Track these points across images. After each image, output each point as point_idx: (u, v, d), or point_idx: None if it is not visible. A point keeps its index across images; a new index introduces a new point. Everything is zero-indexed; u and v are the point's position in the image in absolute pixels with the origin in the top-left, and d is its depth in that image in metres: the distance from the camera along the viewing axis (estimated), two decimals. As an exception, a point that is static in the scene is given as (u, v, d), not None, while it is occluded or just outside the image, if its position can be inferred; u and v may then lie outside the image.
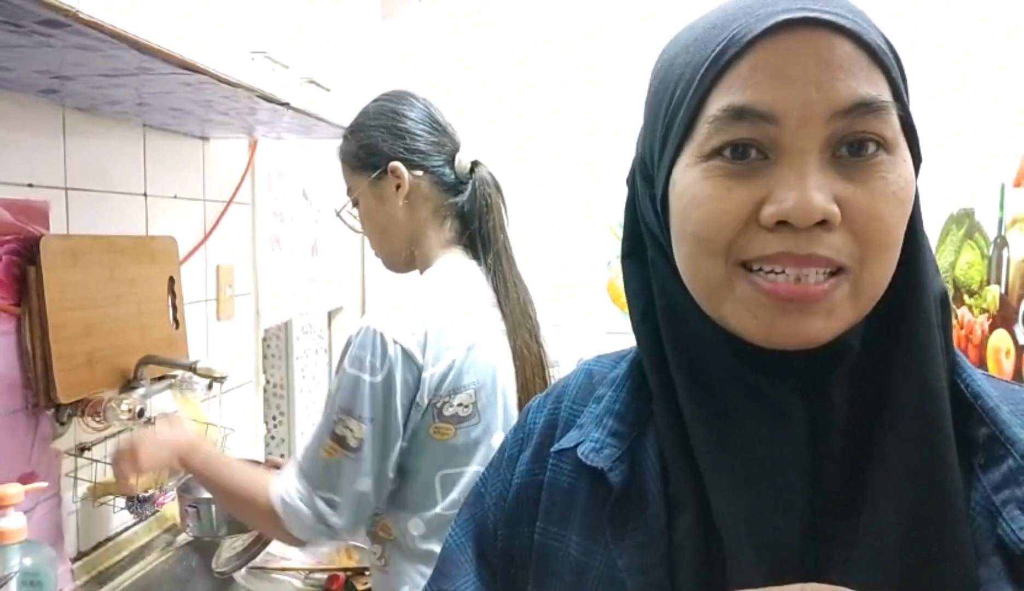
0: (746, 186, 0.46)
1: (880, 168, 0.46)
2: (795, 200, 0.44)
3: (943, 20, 1.99)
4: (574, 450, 0.58)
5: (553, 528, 0.58)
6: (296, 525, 1.10)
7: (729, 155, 0.47)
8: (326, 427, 1.11)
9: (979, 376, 0.52)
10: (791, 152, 0.46)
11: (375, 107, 1.27)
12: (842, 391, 0.49)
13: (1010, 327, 1.79)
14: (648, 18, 2.53)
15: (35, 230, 1.21)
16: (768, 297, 0.46)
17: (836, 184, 0.45)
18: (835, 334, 0.47)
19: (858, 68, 0.45)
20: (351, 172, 1.28)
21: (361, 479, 1.10)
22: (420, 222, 1.25)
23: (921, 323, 0.49)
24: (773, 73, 0.45)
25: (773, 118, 0.45)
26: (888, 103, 0.46)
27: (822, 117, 0.45)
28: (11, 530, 0.98)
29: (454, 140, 1.29)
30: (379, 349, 1.09)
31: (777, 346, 0.47)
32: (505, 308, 1.24)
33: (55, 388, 1.20)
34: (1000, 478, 0.48)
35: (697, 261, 0.49)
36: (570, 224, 2.89)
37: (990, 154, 1.85)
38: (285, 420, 2.40)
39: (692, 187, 0.49)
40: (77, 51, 0.90)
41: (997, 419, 0.49)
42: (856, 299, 0.47)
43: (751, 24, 0.46)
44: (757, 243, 0.46)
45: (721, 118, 0.47)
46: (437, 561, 0.66)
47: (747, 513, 0.49)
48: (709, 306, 0.50)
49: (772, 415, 0.49)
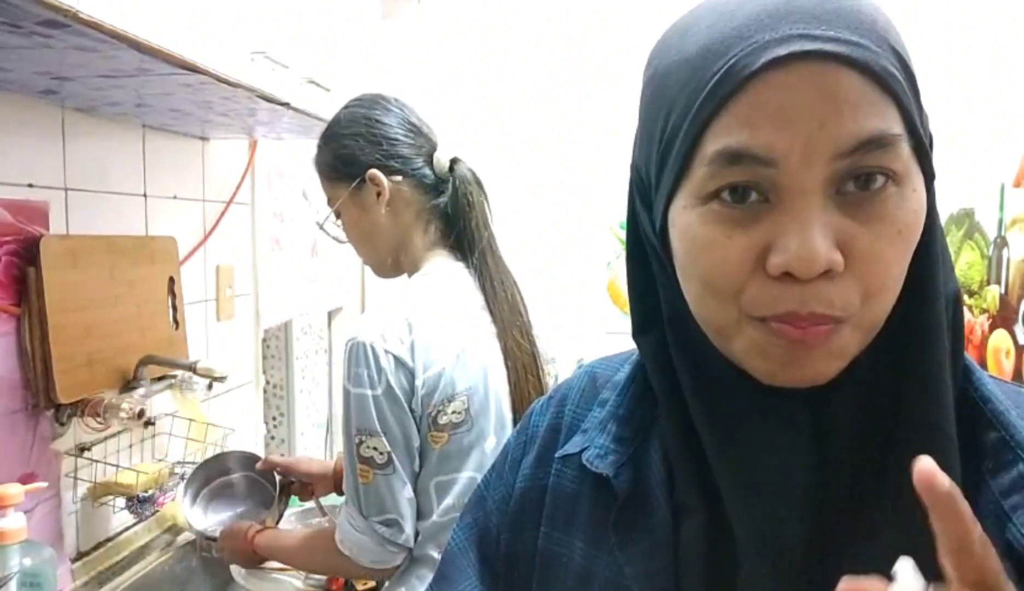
0: (747, 233, 0.45)
1: (887, 205, 0.44)
2: (797, 250, 0.42)
3: (943, 20, 1.99)
4: (578, 455, 0.57)
5: (557, 533, 0.58)
6: (365, 555, 1.13)
7: (728, 198, 0.45)
8: (351, 453, 1.12)
9: (988, 379, 0.51)
10: (792, 194, 0.43)
11: (347, 114, 1.25)
12: (847, 400, 0.48)
13: (1010, 327, 1.79)
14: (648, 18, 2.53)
15: (35, 230, 1.21)
16: (778, 337, 0.45)
17: (841, 224, 0.43)
18: (840, 369, 0.47)
19: (865, 101, 0.42)
20: (329, 183, 1.27)
21: (404, 488, 1.12)
22: (404, 227, 1.24)
23: (930, 330, 0.48)
24: (772, 113, 0.42)
25: (772, 162, 0.43)
26: (897, 136, 0.43)
27: (825, 157, 0.42)
28: (11, 530, 0.98)
29: (431, 140, 1.27)
30: (372, 362, 1.09)
31: (784, 385, 0.47)
32: (494, 308, 1.23)
33: (55, 388, 1.20)
34: (1009, 483, 0.47)
35: (706, 303, 0.48)
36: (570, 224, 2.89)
37: (990, 154, 1.85)
38: (285, 420, 2.39)
39: (692, 229, 0.47)
40: (77, 52, 0.90)
41: (1007, 423, 0.48)
42: (858, 335, 0.46)
43: (749, 57, 0.43)
44: (764, 297, 0.45)
45: (717, 161, 0.44)
46: (439, 564, 0.66)
47: (755, 520, 0.49)
48: (718, 342, 0.49)
49: (778, 423, 0.49)
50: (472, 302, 1.23)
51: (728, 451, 0.50)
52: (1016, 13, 1.78)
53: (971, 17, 1.92)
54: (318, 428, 2.59)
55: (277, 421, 2.39)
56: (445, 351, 1.14)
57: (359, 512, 1.12)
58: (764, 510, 0.49)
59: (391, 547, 1.12)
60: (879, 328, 0.47)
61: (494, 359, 1.21)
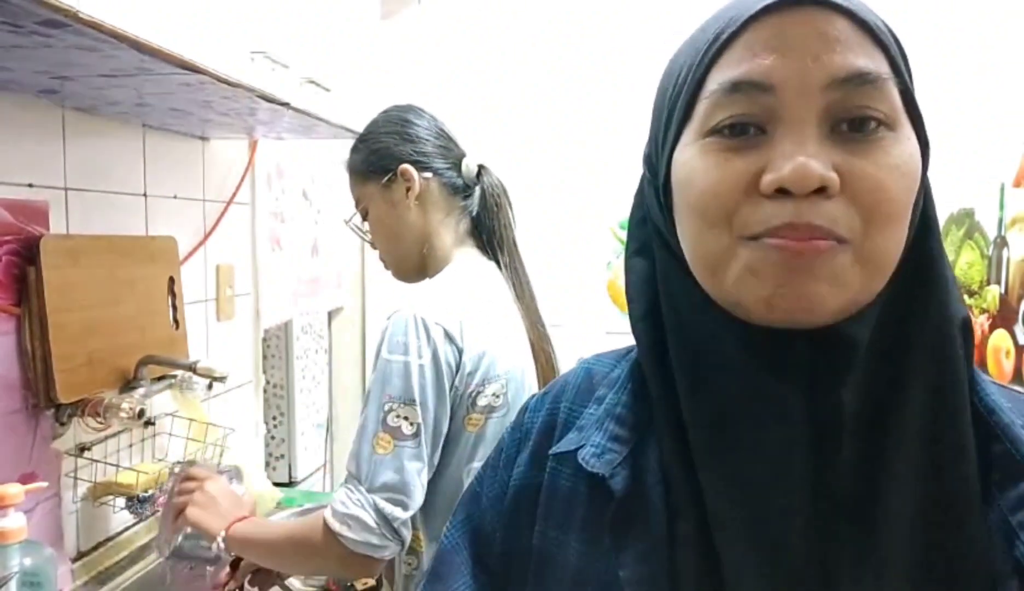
0: (744, 158, 0.46)
1: (882, 143, 0.45)
2: (792, 166, 0.44)
3: (943, 20, 1.99)
4: (574, 454, 0.56)
5: (552, 532, 0.57)
6: (360, 533, 1.03)
7: (728, 132, 0.47)
8: (375, 421, 1.06)
9: (993, 389, 0.50)
10: (789, 123, 0.45)
11: (384, 117, 1.30)
12: (852, 392, 0.47)
13: (1010, 327, 1.79)
14: (648, 19, 2.53)
15: (35, 230, 1.21)
16: (775, 252, 0.44)
17: (836, 155, 0.45)
18: (843, 306, 0.45)
19: (856, 43, 0.45)
20: (360, 182, 1.28)
21: (422, 469, 1.06)
22: (432, 224, 1.26)
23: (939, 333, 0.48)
24: (769, 46, 0.45)
25: (770, 88, 0.45)
26: (887, 76, 0.45)
27: (819, 86, 0.44)
28: (11, 530, 0.98)
29: (459, 148, 1.31)
30: (423, 331, 1.07)
31: (783, 318, 0.45)
32: (521, 304, 1.26)
33: (55, 388, 1.20)
34: (1016, 499, 0.46)
35: (699, 235, 0.48)
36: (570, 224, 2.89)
37: (990, 154, 1.85)
38: (285, 420, 2.40)
39: (691, 162, 0.48)
40: (77, 51, 0.90)
41: (1012, 436, 0.48)
42: (862, 269, 0.45)
43: (749, 5, 0.46)
44: (758, 215, 0.45)
45: (718, 93, 0.47)
46: (433, 561, 0.65)
47: (747, 519, 0.48)
48: (713, 281, 0.49)
49: (773, 416, 0.47)
50: (504, 296, 1.25)
51: (719, 448, 0.49)
52: (1015, 13, 1.78)
53: (971, 17, 1.92)
54: (318, 428, 2.59)
55: (277, 421, 2.39)
56: (489, 333, 1.14)
57: (362, 484, 1.05)
58: (757, 507, 0.47)
59: (386, 530, 1.04)
60: (884, 271, 0.46)
61: (526, 351, 1.23)
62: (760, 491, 0.48)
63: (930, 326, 0.48)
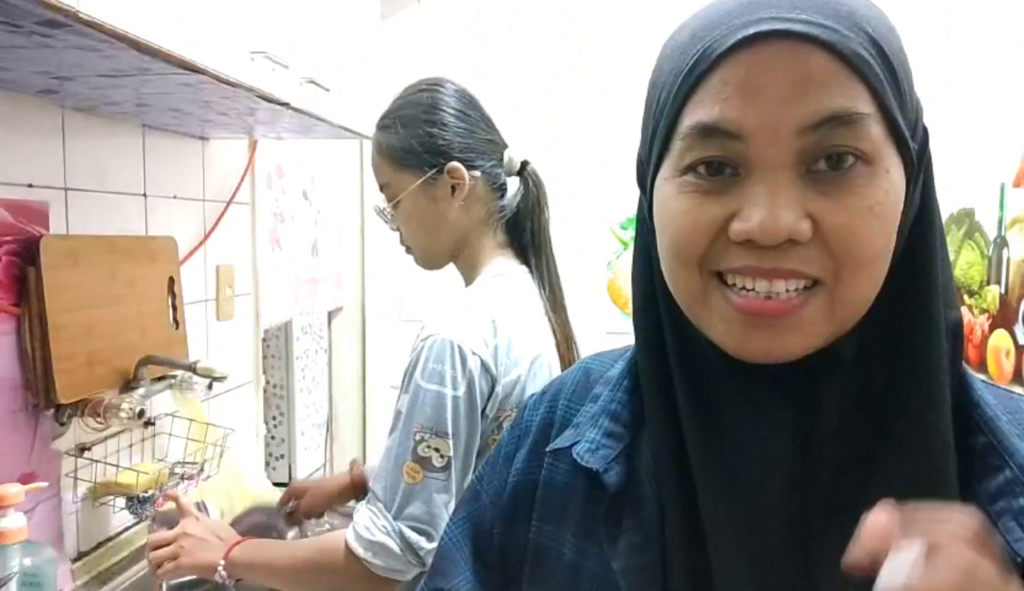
0: (718, 201, 0.46)
1: (857, 182, 0.45)
2: (760, 219, 0.44)
3: (943, 20, 1.99)
4: (569, 450, 0.58)
5: (549, 527, 0.59)
6: (385, 560, 1.03)
7: (703, 171, 0.47)
8: (405, 448, 1.03)
9: (978, 384, 0.51)
10: (762, 168, 0.45)
11: (425, 98, 1.17)
12: (835, 397, 0.48)
13: (1010, 327, 1.78)
14: (649, 18, 2.53)
15: (35, 230, 1.21)
16: (739, 312, 0.46)
17: (810, 199, 0.45)
18: (811, 349, 0.47)
19: (832, 80, 0.44)
20: (394, 167, 1.17)
21: (449, 502, 1.04)
22: (473, 225, 1.18)
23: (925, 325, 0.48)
24: (741, 88, 0.44)
25: (741, 137, 0.45)
26: (864, 115, 0.44)
27: (790, 133, 0.44)
28: (11, 530, 0.98)
29: (502, 139, 1.22)
30: (458, 361, 1.03)
31: (751, 360, 0.47)
32: (554, 317, 1.20)
33: (55, 388, 1.20)
34: (996, 489, 0.47)
35: (673, 272, 0.50)
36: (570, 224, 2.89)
37: (990, 154, 1.85)
38: (285, 420, 2.40)
39: (668, 201, 0.49)
40: (77, 51, 0.90)
41: (995, 428, 0.49)
42: (832, 314, 0.46)
43: (723, 38, 0.45)
44: (727, 256, 0.47)
45: (692, 136, 0.47)
46: (434, 558, 0.66)
47: (733, 515, 0.49)
48: (690, 315, 0.51)
49: (759, 418, 0.49)
50: (537, 308, 1.19)
51: (710, 445, 0.50)
52: (1016, 13, 1.78)
53: (971, 17, 1.92)
54: (318, 428, 2.59)
55: (277, 421, 2.39)
56: (523, 357, 1.10)
57: (388, 511, 1.03)
58: (743, 504, 0.49)
59: (411, 557, 1.03)
60: (858, 313, 0.47)
61: (558, 369, 1.17)
62: (746, 487, 0.49)
63: (916, 330, 0.49)
